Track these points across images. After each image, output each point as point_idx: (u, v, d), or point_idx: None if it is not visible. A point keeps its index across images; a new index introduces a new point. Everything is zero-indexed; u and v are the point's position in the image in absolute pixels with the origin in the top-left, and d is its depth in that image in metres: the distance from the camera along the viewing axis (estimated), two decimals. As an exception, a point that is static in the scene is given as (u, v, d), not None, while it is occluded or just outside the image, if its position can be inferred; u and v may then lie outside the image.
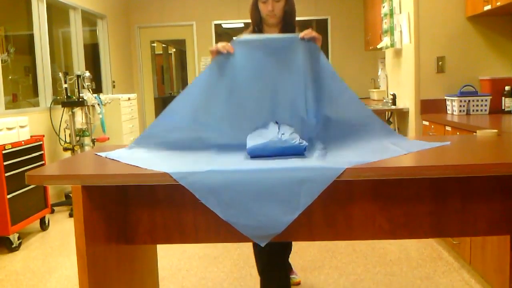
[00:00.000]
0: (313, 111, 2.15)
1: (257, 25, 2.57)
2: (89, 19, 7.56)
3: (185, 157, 1.95)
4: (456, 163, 1.61)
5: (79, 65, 6.89)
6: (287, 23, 2.54)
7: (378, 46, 5.46)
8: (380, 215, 1.98)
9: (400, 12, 4.53)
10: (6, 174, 3.88)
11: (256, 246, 2.47)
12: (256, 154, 1.87)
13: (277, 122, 2.11)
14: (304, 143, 1.89)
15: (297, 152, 1.86)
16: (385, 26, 5.01)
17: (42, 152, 4.46)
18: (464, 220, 1.96)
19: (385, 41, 4.99)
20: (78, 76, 5.46)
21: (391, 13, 4.80)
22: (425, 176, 1.64)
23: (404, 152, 1.85)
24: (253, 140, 1.91)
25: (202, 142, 2.12)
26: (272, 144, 1.87)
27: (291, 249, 2.82)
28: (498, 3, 3.39)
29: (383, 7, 5.03)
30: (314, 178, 1.62)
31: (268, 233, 1.69)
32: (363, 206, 1.98)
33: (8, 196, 3.89)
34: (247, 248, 3.68)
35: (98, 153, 2.14)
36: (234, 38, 2.27)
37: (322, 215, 2.00)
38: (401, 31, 4.49)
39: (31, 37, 5.80)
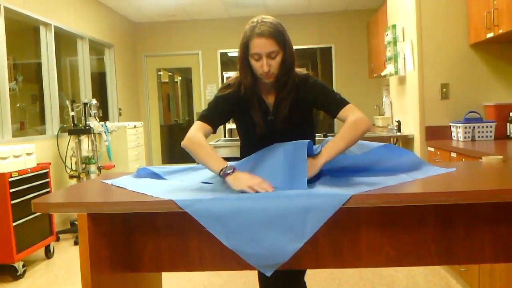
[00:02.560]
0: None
1: (248, 88, 2.14)
2: (97, 48, 7.67)
3: (191, 184, 1.95)
4: (461, 190, 1.61)
5: (86, 93, 6.97)
6: (284, 84, 2.15)
7: (382, 74, 5.50)
8: (386, 242, 1.97)
9: (404, 40, 4.58)
10: (12, 202, 3.89)
11: (261, 275, 2.44)
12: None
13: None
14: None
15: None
16: (388, 54, 5.06)
17: (48, 179, 4.48)
18: (471, 247, 1.95)
19: (389, 68, 5.03)
20: (85, 104, 5.52)
21: (395, 41, 4.85)
22: (430, 203, 1.63)
23: (409, 179, 1.84)
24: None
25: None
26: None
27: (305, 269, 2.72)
28: (501, 31, 3.43)
29: (387, 35, 5.09)
30: (320, 205, 1.62)
31: (274, 262, 1.67)
32: (369, 233, 1.97)
33: (14, 224, 3.89)
34: (253, 276, 3.64)
35: (104, 181, 2.15)
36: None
37: (328, 242, 1.98)
38: (404, 58, 4.53)
39: (39, 66, 5.89)
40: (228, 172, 1.83)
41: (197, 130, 2.08)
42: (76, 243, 4.93)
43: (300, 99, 2.22)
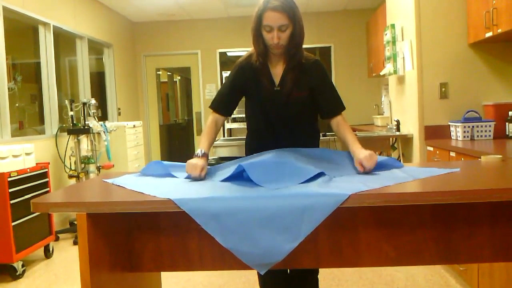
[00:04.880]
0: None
1: (262, 55, 2.30)
2: (96, 48, 7.66)
3: (189, 184, 1.95)
4: (460, 189, 1.61)
5: (85, 92, 6.97)
6: (293, 55, 2.29)
7: (381, 73, 5.50)
8: (386, 242, 1.97)
9: (403, 40, 4.58)
10: (11, 202, 3.89)
11: (260, 276, 2.44)
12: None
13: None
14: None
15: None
16: (387, 53, 5.06)
17: (47, 179, 4.48)
18: (471, 246, 1.95)
19: (388, 67, 5.03)
20: (84, 104, 5.52)
21: (394, 41, 4.85)
22: (429, 202, 1.63)
23: (410, 179, 1.85)
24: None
25: (209, 171, 2.12)
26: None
27: (317, 271, 2.65)
28: (499, 30, 3.43)
29: (386, 34, 5.09)
30: (317, 205, 1.62)
31: (269, 261, 1.67)
32: (369, 233, 1.97)
33: (13, 224, 3.89)
34: (253, 276, 3.64)
35: (105, 180, 2.15)
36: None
37: (327, 241, 1.98)
38: (403, 58, 4.53)
39: (38, 66, 5.88)
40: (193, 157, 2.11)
41: (209, 118, 2.39)
42: (75, 243, 4.93)
43: (305, 77, 2.33)
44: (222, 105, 2.41)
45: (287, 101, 2.35)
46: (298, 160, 2.03)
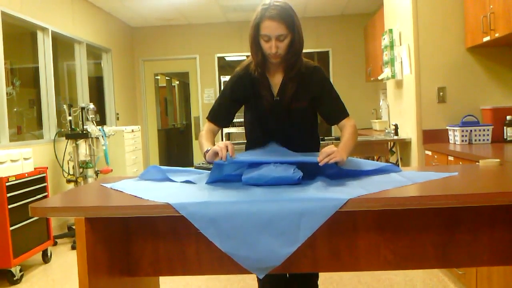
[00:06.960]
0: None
1: (260, 65, 2.24)
2: (94, 53, 7.67)
3: (188, 188, 1.95)
4: (459, 193, 1.61)
5: (83, 97, 6.97)
6: (292, 65, 2.22)
7: (379, 77, 5.51)
8: (385, 246, 1.97)
9: (400, 44, 4.59)
10: (9, 206, 3.88)
11: (259, 279, 2.44)
12: (251, 184, 1.92)
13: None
14: (299, 172, 1.90)
15: (291, 181, 1.88)
16: (385, 58, 5.07)
17: (45, 184, 4.47)
18: (470, 250, 1.95)
19: (386, 72, 5.04)
20: (83, 109, 5.52)
21: (392, 45, 4.86)
22: (428, 206, 1.64)
23: (409, 183, 1.84)
24: (248, 173, 1.96)
25: (207, 177, 2.12)
26: (266, 173, 1.90)
27: (317, 276, 2.65)
28: (497, 34, 3.44)
29: (384, 39, 5.10)
30: (315, 209, 1.61)
31: (267, 265, 1.67)
32: (368, 237, 1.97)
33: (11, 228, 3.87)
34: (251, 280, 3.64)
35: (103, 184, 2.14)
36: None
37: (326, 246, 1.98)
38: (401, 62, 4.54)
39: (36, 70, 5.88)
40: (206, 152, 2.06)
41: (205, 127, 2.35)
42: (73, 248, 4.92)
43: (305, 86, 2.29)
44: (220, 116, 2.36)
45: (286, 112, 2.31)
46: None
